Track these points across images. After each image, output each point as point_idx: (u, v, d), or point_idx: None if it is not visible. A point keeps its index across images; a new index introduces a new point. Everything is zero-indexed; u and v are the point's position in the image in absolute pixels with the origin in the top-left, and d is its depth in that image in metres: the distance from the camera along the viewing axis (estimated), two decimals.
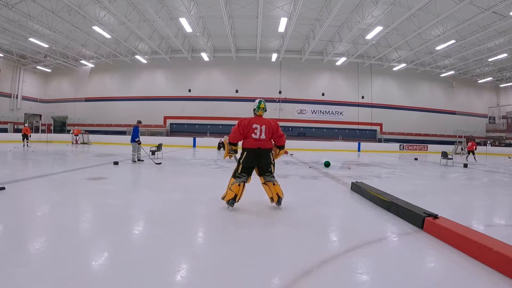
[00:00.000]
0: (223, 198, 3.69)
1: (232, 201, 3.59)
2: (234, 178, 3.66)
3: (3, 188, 3.51)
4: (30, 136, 15.71)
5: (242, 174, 3.63)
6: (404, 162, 13.16)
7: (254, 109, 3.81)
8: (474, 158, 14.48)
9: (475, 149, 14.66)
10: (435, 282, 2.02)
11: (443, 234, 2.75)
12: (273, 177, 3.78)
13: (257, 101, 3.81)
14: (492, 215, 4.42)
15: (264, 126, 3.64)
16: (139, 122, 9.59)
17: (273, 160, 3.79)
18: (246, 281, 1.96)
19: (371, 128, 25.97)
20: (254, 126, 3.62)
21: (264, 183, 3.80)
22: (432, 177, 8.42)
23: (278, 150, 3.92)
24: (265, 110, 3.82)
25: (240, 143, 3.82)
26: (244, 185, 3.68)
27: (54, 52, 22.26)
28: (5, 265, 2.02)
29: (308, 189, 5.84)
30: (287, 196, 4.02)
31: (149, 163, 8.99)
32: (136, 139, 9.06)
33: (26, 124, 19.98)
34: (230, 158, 4.06)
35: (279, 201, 3.75)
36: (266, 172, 3.71)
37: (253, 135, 3.60)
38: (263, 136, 3.62)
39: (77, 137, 20.55)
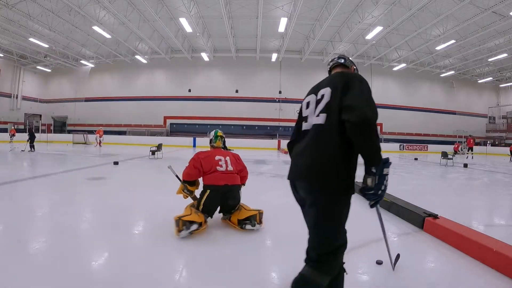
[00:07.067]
0: (177, 219, 2.66)
1: (193, 224, 2.66)
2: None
3: None
4: (14, 136, 17.65)
5: (203, 213, 2.90)
6: (404, 162, 13.15)
7: (211, 140, 3.25)
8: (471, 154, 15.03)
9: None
10: (435, 282, 2.03)
11: (443, 234, 2.75)
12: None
13: (213, 131, 3.30)
14: (492, 215, 4.42)
15: (228, 157, 3.04)
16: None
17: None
18: (246, 281, 1.96)
19: None
20: (217, 158, 2.98)
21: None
22: (432, 177, 8.41)
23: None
24: (224, 140, 3.34)
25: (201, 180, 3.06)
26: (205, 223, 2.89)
27: (54, 52, 22.23)
28: (5, 265, 2.02)
29: None
30: (287, 196, 4.01)
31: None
32: None
33: (13, 127, 21.27)
34: (185, 198, 3.20)
35: (250, 224, 2.89)
36: (227, 212, 3.07)
37: (218, 167, 2.91)
38: (230, 168, 2.97)
39: (101, 138, 18.91)
